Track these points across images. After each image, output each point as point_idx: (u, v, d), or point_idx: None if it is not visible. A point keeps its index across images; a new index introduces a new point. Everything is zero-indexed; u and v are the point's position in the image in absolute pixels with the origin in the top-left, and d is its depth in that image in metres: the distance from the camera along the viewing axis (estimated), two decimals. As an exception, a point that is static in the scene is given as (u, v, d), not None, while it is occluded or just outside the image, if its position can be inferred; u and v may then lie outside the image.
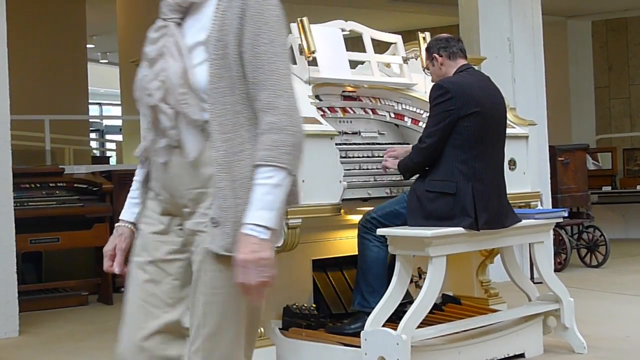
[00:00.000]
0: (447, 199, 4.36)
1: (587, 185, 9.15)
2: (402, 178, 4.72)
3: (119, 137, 17.43)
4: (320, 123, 4.45)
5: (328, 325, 4.74)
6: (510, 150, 5.19)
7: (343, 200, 4.45)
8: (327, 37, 5.06)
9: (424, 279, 4.32)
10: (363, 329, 4.25)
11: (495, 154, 4.58)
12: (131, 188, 2.59)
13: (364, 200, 4.75)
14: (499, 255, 5.13)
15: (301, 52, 4.87)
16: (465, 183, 4.37)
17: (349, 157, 4.84)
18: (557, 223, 5.16)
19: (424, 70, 5.34)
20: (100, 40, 17.56)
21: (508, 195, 4.69)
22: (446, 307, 5.25)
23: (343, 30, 5.22)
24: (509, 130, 5.06)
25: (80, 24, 13.99)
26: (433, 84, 4.60)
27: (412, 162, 4.55)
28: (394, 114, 5.33)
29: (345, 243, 5.11)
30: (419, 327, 4.24)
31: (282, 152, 2.19)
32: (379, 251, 4.43)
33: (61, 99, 13.01)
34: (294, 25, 4.90)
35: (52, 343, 5.83)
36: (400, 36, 5.50)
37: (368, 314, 4.30)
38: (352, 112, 5.17)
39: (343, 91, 5.15)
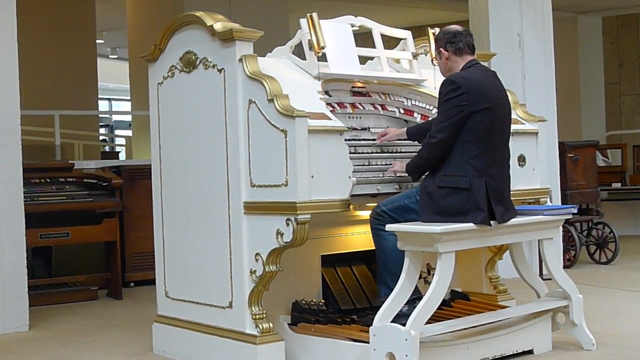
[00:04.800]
0: (461, 194, 4.36)
1: (597, 182, 9.12)
2: (412, 180, 4.71)
3: (129, 133, 17.49)
4: (330, 119, 4.45)
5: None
6: (520, 146, 5.18)
7: (352, 195, 4.45)
8: (336, 32, 5.06)
9: (433, 275, 4.32)
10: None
11: (502, 149, 4.59)
12: None
13: (373, 196, 4.74)
14: (507, 252, 5.13)
15: (311, 47, 4.87)
16: (478, 178, 4.37)
17: (358, 153, 4.84)
18: (566, 219, 5.15)
19: (432, 62, 5.34)
20: (109, 35, 17.60)
21: (518, 192, 4.69)
22: (455, 303, 5.25)
23: (353, 25, 5.21)
24: (519, 127, 5.06)
25: (90, 19, 14.02)
26: (444, 78, 4.58)
27: (421, 159, 4.53)
28: (403, 109, 5.33)
29: (354, 239, 5.11)
30: (427, 323, 4.24)
31: None
32: (395, 239, 4.42)
33: (71, 94, 13.04)
34: (303, 21, 4.91)
35: (62, 337, 5.84)
36: (410, 32, 5.50)
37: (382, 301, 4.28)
38: (361, 108, 5.17)
39: (352, 87, 5.15)
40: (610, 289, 7.17)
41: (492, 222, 4.41)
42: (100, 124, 19.16)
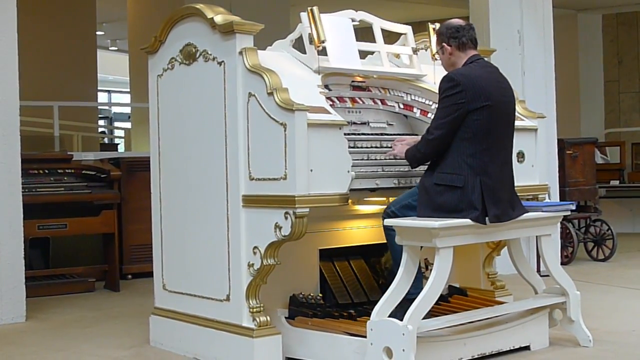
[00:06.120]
0: (455, 192, 4.35)
1: (595, 179, 9.13)
2: (410, 167, 4.71)
3: (128, 125, 17.48)
4: (329, 113, 4.44)
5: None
6: (519, 142, 5.18)
7: (351, 190, 4.45)
8: (337, 26, 5.05)
9: (431, 270, 4.32)
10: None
11: (504, 147, 4.56)
12: None
13: (372, 190, 4.74)
14: (505, 248, 5.13)
15: (311, 41, 4.87)
16: (473, 177, 4.35)
17: (358, 147, 4.83)
18: (564, 216, 5.15)
19: (433, 57, 5.33)
20: (110, 27, 17.58)
21: (516, 188, 4.68)
22: (452, 299, 5.26)
23: (353, 20, 5.21)
24: (518, 123, 5.05)
25: (90, 10, 14.01)
26: (443, 75, 4.56)
27: (419, 153, 4.53)
28: (403, 104, 5.32)
29: (353, 233, 5.12)
30: (425, 318, 4.24)
31: None
32: None
33: (70, 86, 13.04)
34: (304, 15, 4.90)
35: (59, 329, 5.85)
36: (410, 27, 5.49)
37: (411, 300, 4.25)
38: (361, 102, 5.17)
39: (352, 81, 5.15)
40: (607, 286, 7.18)
41: (487, 220, 4.40)
42: (100, 115, 19.15)
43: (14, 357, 5.09)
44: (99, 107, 19.23)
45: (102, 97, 21.75)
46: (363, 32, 5.46)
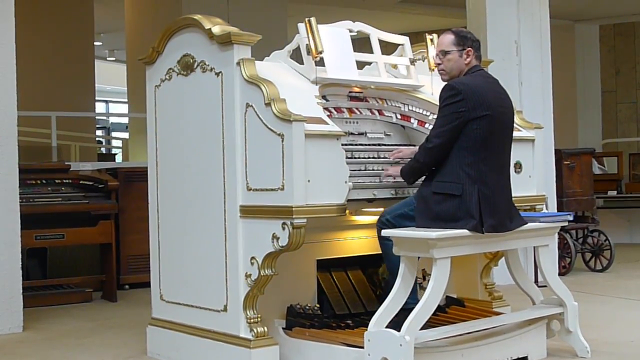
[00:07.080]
0: (453, 200, 4.35)
1: (593, 190, 9.14)
2: (407, 184, 4.71)
3: (125, 135, 17.49)
4: (327, 123, 4.45)
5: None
6: (517, 153, 5.18)
7: (348, 200, 4.45)
8: (334, 37, 5.06)
9: (428, 280, 4.32)
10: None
11: (502, 158, 4.56)
12: None
13: (370, 201, 4.75)
14: (503, 258, 5.13)
15: (308, 52, 4.87)
16: (471, 185, 4.36)
17: (355, 158, 4.84)
18: (562, 227, 5.16)
19: (431, 69, 5.33)
20: (107, 37, 17.60)
21: (514, 198, 4.69)
22: (450, 309, 5.25)
23: (351, 31, 5.22)
24: (515, 133, 5.06)
25: (88, 21, 14.01)
26: (444, 84, 4.56)
27: (417, 163, 4.53)
28: (400, 115, 5.33)
29: (350, 243, 5.12)
30: (422, 328, 4.24)
31: None
32: None
33: (68, 96, 13.03)
34: (301, 25, 4.90)
35: (56, 339, 5.84)
36: (407, 38, 5.50)
37: (408, 310, 4.25)
38: (358, 113, 5.17)
39: (350, 92, 5.15)
40: (605, 296, 7.18)
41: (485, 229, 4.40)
42: (97, 125, 19.16)
43: (10, 367, 5.09)
44: (97, 117, 19.24)
45: (99, 107, 21.76)
46: (360, 43, 5.48)
